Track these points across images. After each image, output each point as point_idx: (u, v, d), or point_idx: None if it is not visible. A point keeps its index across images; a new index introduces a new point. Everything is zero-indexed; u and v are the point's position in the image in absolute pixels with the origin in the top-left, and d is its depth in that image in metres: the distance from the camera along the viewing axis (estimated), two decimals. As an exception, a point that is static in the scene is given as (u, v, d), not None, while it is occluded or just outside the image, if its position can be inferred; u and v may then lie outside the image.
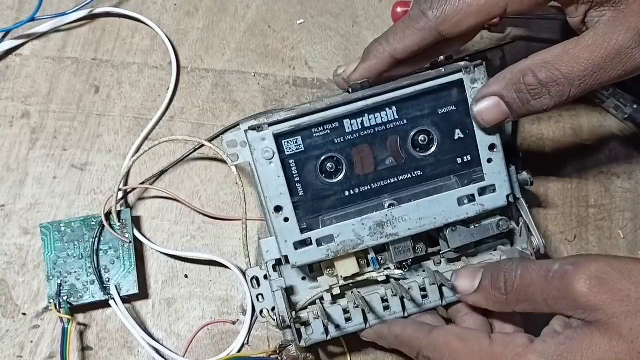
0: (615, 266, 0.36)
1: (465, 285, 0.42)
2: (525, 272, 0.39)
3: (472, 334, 0.40)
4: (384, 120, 0.42)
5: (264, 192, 0.41)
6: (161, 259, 0.49)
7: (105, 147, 0.51)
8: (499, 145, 0.43)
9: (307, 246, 0.42)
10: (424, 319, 0.44)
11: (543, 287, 0.37)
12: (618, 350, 0.35)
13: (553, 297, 0.37)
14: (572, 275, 0.36)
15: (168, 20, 0.54)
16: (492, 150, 0.42)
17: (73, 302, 0.46)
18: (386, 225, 0.42)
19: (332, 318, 0.44)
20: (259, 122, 0.40)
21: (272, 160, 0.40)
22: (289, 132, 0.41)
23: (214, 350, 0.48)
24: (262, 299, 0.45)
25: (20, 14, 0.53)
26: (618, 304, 0.35)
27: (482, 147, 0.43)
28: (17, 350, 0.47)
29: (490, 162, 0.43)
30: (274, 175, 0.40)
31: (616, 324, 0.35)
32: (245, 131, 0.40)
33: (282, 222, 0.41)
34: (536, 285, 0.38)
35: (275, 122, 0.40)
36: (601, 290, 0.35)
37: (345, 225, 0.42)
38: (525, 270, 0.39)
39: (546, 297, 0.37)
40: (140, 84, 0.53)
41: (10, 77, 0.52)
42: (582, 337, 0.36)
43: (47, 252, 0.47)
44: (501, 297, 0.39)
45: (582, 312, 0.36)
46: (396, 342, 0.43)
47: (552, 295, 0.37)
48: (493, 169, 0.43)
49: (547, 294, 0.37)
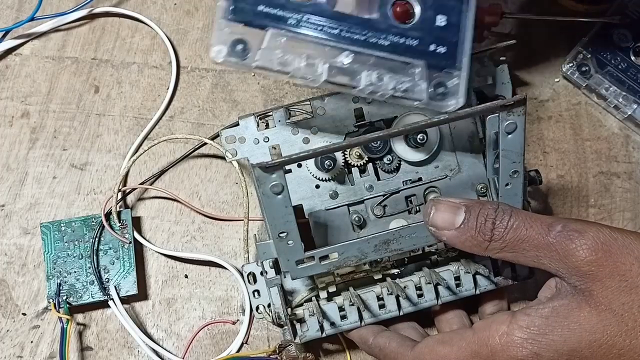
0: (619, 240, 0.35)
1: (445, 219, 0.38)
2: (521, 225, 0.37)
3: (455, 334, 0.40)
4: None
5: (269, 221, 0.40)
6: (161, 259, 0.49)
7: (105, 147, 0.51)
8: (521, 170, 0.41)
9: (309, 261, 0.41)
10: (408, 332, 0.44)
11: (540, 245, 0.36)
12: (607, 323, 0.34)
13: (549, 257, 0.36)
14: (578, 240, 0.35)
15: (168, 20, 0.54)
16: (513, 176, 0.41)
17: (72, 302, 0.46)
18: (392, 242, 0.41)
19: (327, 315, 0.44)
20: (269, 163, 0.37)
21: (281, 193, 0.38)
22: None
23: (214, 350, 0.48)
24: (258, 296, 0.45)
25: (20, 13, 0.53)
26: (617, 278, 0.34)
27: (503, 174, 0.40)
28: (17, 350, 0.47)
29: (508, 186, 0.41)
30: (282, 206, 0.39)
31: (609, 298, 0.34)
32: (252, 166, 0.38)
33: (285, 244, 0.40)
34: (532, 241, 0.36)
35: (285, 162, 0.38)
36: (605, 262, 0.35)
37: (350, 245, 0.41)
38: (522, 223, 0.37)
39: (541, 255, 0.36)
40: (140, 84, 0.53)
41: (9, 77, 0.52)
42: (569, 310, 0.35)
43: (47, 252, 0.47)
44: (483, 243, 0.37)
45: (578, 278, 0.35)
46: (379, 354, 0.43)
47: (548, 255, 0.36)
48: (509, 192, 0.41)
49: (544, 252, 0.36)
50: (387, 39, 0.39)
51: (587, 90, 0.53)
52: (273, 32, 0.37)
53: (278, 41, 0.37)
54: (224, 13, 0.37)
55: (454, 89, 0.40)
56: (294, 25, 0.38)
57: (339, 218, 0.46)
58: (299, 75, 0.38)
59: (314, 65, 0.38)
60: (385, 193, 0.46)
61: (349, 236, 0.46)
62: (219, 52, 0.37)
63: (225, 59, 0.37)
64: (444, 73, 0.40)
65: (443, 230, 0.39)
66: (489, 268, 0.45)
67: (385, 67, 0.39)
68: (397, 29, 0.39)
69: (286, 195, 0.39)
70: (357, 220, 0.45)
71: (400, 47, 0.39)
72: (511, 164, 0.40)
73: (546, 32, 0.54)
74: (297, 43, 0.38)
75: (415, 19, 0.39)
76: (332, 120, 0.45)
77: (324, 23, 0.38)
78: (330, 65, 0.38)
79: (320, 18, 0.38)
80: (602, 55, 0.52)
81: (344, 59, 0.38)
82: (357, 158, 0.45)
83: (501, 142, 0.39)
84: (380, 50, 0.39)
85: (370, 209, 0.46)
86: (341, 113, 0.45)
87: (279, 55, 0.37)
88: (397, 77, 0.39)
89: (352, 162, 0.45)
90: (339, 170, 0.45)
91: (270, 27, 0.37)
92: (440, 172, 0.46)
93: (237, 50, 0.37)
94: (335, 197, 0.46)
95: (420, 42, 0.39)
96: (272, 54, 0.37)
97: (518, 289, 0.49)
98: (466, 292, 0.45)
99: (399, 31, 0.39)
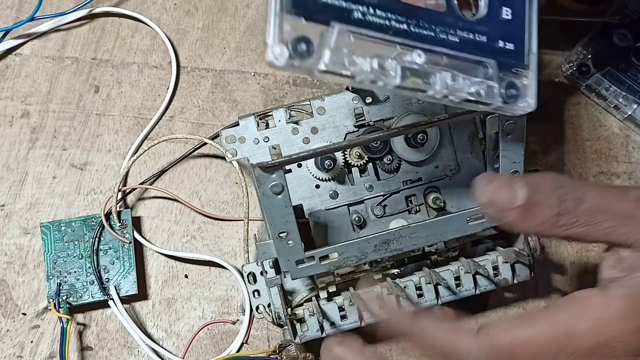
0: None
1: (505, 197, 0.32)
2: (594, 194, 0.32)
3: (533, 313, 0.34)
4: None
5: (269, 221, 0.40)
6: (161, 259, 0.49)
7: (105, 147, 0.51)
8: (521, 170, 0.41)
9: (309, 261, 0.41)
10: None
11: (617, 213, 0.32)
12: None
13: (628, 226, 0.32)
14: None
15: (168, 20, 0.54)
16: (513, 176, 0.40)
17: (72, 302, 0.46)
18: (392, 242, 0.41)
19: (327, 315, 0.44)
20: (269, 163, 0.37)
21: (281, 193, 0.38)
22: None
23: (214, 350, 0.48)
24: (258, 296, 0.45)
25: (19, 13, 0.53)
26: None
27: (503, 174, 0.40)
28: (17, 350, 0.47)
29: None
30: (282, 206, 0.39)
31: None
32: (252, 166, 0.38)
33: (285, 244, 0.40)
34: (608, 211, 0.32)
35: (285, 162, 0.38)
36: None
37: (350, 245, 0.41)
38: (593, 191, 0.32)
39: (617, 225, 0.32)
40: (140, 84, 0.53)
41: (9, 77, 0.52)
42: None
43: (47, 252, 0.47)
44: (551, 219, 0.32)
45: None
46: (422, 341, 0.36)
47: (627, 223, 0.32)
48: None
49: (621, 222, 0.32)
50: (456, 34, 0.34)
51: (587, 90, 0.53)
52: (340, 27, 0.30)
53: (345, 39, 0.31)
54: (282, 5, 0.29)
55: (524, 90, 0.36)
56: (359, 20, 0.31)
57: (339, 218, 0.46)
58: (368, 80, 0.31)
59: (384, 68, 0.32)
60: (385, 193, 0.46)
61: (349, 236, 0.46)
62: (280, 54, 0.29)
63: (287, 62, 0.29)
64: (513, 73, 0.36)
65: (505, 212, 0.32)
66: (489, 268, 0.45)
67: (458, 67, 0.34)
68: (465, 23, 0.34)
69: (286, 195, 0.39)
70: (357, 220, 0.46)
71: (470, 44, 0.35)
72: (511, 164, 0.40)
73: (546, 32, 0.54)
74: (365, 42, 0.31)
75: (481, 10, 0.35)
76: (332, 120, 0.45)
77: (391, 17, 0.32)
78: (402, 66, 0.32)
79: (386, 12, 0.32)
80: (602, 55, 0.52)
81: (416, 58, 0.33)
82: (357, 158, 0.45)
83: (501, 142, 0.39)
84: (451, 48, 0.34)
85: (370, 209, 0.46)
86: (341, 113, 0.45)
87: (346, 56, 0.31)
88: (471, 78, 0.34)
89: (352, 162, 0.45)
90: (339, 170, 0.45)
91: (335, 22, 0.30)
92: (440, 172, 0.46)
93: (301, 51, 0.29)
94: (335, 197, 0.46)
95: (489, 38, 0.35)
96: (340, 55, 0.30)
97: (518, 289, 0.49)
98: (466, 292, 0.45)
99: (466, 26, 0.34)
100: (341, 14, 0.31)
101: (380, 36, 0.32)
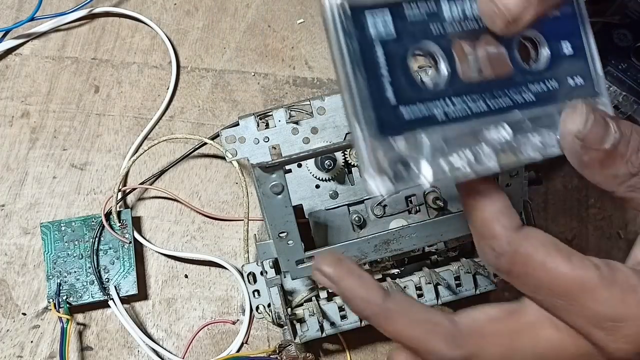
0: None
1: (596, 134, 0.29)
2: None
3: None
4: None
5: (269, 221, 0.40)
6: (161, 259, 0.49)
7: (105, 147, 0.51)
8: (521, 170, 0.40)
9: (309, 261, 0.41)
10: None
11: None
12: None
13: None
14: None
15: (168, 20, 0.54)
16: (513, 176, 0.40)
17: (72, 302, 0.46)
18: (392, 242, 0.41)
19: (327, 315, 0.44)
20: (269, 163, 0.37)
21: (281, 193, 0.38)
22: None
23: (214, 350, 0.48)
24: (258, 295, 0.45)
25: (19, 13, 0.53)
26: None
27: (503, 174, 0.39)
28: (17, 350, 0.47)
29: (508, 186, 0.41)
30: (282, 206, 0.39)
31: None
32: (252, 166, 0.38)
33: (285, 244, 0.40)
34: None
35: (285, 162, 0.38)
36: None
37: (350, 245, 0.41)
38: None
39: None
40: (140, 84, 0.53)
41: (9, 77, 0.52)
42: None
43: (47, 252, 0.47)
44: (626, 176, 0.29)
45: None
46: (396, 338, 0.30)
47: None
48: (510, 192, 0.41)
49: None
50: (530, 90, 0.32)
51: (587, 90, 0.53)
52: (429, 135, 0.29)
53: (436, 144, 0.29)
54: (371, 132, 0.27)
55: None
56: (443, 119, 0.29)
57: (339, 218, 0.46)
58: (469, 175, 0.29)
59: (479, 158, 0.30)
60: (385, 193, 0.46)
61: (349, 236, 0.46)
62: (382, 184, 0.27)
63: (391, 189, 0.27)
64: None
65: (589, 149, 0.29)
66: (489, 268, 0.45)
67: (542, 124, 0.31)
68: (534, 75, 0.32)
69: (286, 195, 0.39)
70: (357, 220, 0.45)
71: (546, 95, 0.32)
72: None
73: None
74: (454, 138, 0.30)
75: (544, 55, 0.33)
76: (332, 120, 0.45)
77: (467, 100, 0.30)
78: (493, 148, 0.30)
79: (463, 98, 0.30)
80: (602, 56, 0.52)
81: (503, 134, 0.30)
82: (357, 158, 0.45)
83: None
84: (530, 107, 0.31)
85: (370, 209, 0.46)
86: (341, 113, 0.45)
87: (442, 159, 0.29)
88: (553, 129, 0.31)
89: (352, 162, 0.45)
90: (339, 170, 0.45)
91: (422, 130, 0.29)
92: (441, 172, 0.46)
93: (401, 174, 0.28)
94: (335, 197, 0.46)
95: (560, 82, 0.33)
96: (436, 162, 0.29)
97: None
98: (466, 292, 0.45)
99: (535, 77, 0.32)
100: (425, 121, 0.29)
101: (466, 125, 0.30)
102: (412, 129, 0.28)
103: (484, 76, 0.31)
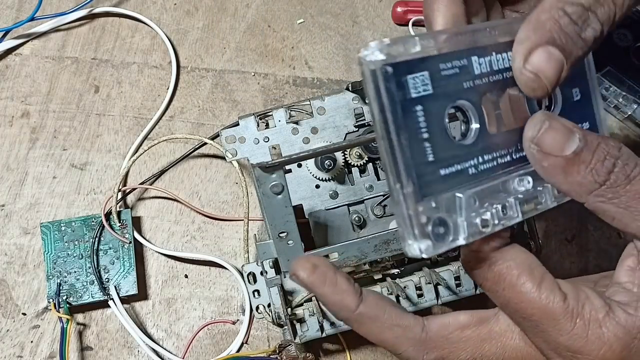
0: None
1: (555, 141, 0.29)
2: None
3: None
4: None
5: (269, 221, 0.40)
6: (161, 259, 0.49)
7: (105, 147, 0.51)
8: None
9: None
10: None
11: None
12: None
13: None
14: None
15: (168, 20, 0.54)
16: None
17: (72, 302, 0.46)
18: (392, 242, 0.41)
19: (327, 315, 0.44)
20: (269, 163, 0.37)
21: (281, 193, 0.38)
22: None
23: (214, 350, 0.48)
24: (258, 295, 0.45)
25: (20, 13, 0.53)
26: None
27: None
28: (17, 350, 0.47)
29: None
30: (282, 206, 0.39)
31: None
32: (252, 166, 0.39)
33: (285, 244, 0.40)
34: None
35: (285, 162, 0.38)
36: None
37: (350, 245, 0.41)
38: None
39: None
40: (140, 84, 0.53)
41: (10, 77, 0.52)
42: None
43: (47, 252, 0.47)
44: (591, 185, 0.29)
45: None
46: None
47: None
48: None
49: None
50: None
51: (587, 90, 0.53)
52: (464, 194, 0.29)
53: (471, 202, 0.29)
54: (413, 194, 0.27)
55: None
56: (474, 175, 0.30)
57: (339, 218, 0.46)
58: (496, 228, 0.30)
59: (506, 208, 0.30)
60: (385, 193, 0.46)
61: (349, 236, 0.46)
62: (426, 249, 0.27)
63: (432, 251, 0.28)
64: None
65: (548, 155, 0.29)
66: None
67: None
68: None
69: (286, 195, 0.39)
70: (357, 220, 0.45)
71: None
72: None
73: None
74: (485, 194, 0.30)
75: (558, 102, 0.33)
76: (332, 120, 0.45)
77: (496, 155, 0.31)
78: (517, 200, 0.31)
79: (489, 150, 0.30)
80: (602, 55, 0.52)
81: (526, 185, 0.31)
82: (357, 158, 0.45)
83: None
84: None
85: (370, 209, 0.46)
86: (341, 113, 0.45)
87: (475, 217, 0.29)
88: None
89: (352, 162, 0.45)
90: (339, 170, 0.45)
91: (455, 190, 0.29)
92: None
93: (440, 235, 0.28)
94: (335, 197, 0.46)
95: None
96: (471, 219, 0.29)
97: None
98: (466, 292, 0.45)
99: None
100: (459, 179, 0.29)
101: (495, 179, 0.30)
102: (449, 188, 0.29)
103: (506, 127, 0.31)
